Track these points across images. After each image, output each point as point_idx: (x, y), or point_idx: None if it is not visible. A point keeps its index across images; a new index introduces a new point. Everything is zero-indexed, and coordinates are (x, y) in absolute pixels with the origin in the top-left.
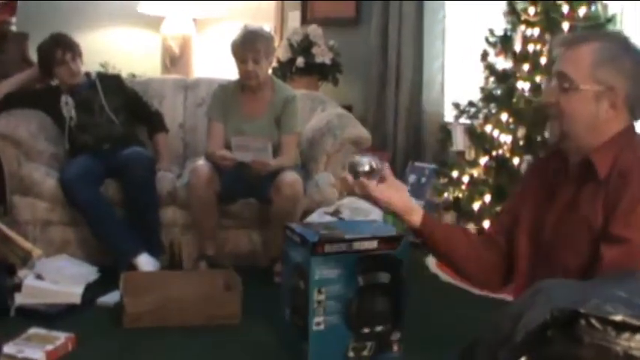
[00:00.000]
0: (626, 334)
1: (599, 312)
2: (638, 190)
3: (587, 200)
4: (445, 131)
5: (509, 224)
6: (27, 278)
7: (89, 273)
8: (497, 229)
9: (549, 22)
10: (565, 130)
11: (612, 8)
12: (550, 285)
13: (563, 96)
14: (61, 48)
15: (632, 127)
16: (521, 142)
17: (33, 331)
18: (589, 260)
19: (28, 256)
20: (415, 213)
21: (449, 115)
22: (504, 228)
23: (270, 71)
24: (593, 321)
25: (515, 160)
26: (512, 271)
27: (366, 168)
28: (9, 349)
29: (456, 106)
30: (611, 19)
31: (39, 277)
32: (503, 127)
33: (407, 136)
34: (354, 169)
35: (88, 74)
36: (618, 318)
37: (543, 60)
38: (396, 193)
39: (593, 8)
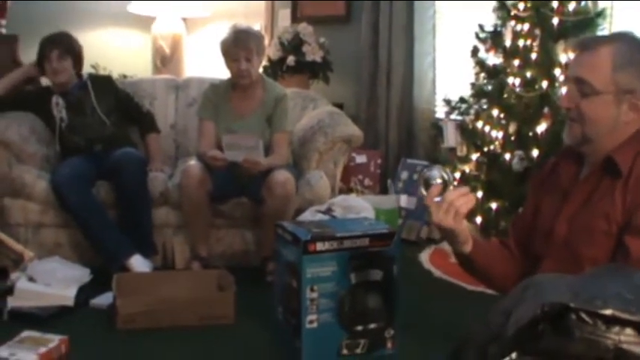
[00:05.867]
0: (616, 328)
1: (589, 306)
2: None
3: (604, 195)
4: (436, 128)
5: (524, 236)
6: (19, 281)
7: (82, 275)
8: (514, 241)
9: (539, 17)
10: (586, 134)
11: (602, 3)
12: (540, 280)
13: (583, 101)
14: (50, 45)
15: None
16: (512, 138)
17: (26, 333)
18: (602, 252)
19: (20, 259)
20: (468, 242)
21: (440, 111)
22: (519, 240)
23: (260, 70)
24: (583, 315)
25: (507, 156)
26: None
27: (439, 181)
28: (2, 352)
29: (447, 102)
30: (600, 14)
31: (31, 279)
32: (495, 123)
33: (399, 133)
34: (427, 184)
35: (79, 75)
36: (608, 312)
37: (534, 55)
38: (459, 223)
39: (582, 3)
